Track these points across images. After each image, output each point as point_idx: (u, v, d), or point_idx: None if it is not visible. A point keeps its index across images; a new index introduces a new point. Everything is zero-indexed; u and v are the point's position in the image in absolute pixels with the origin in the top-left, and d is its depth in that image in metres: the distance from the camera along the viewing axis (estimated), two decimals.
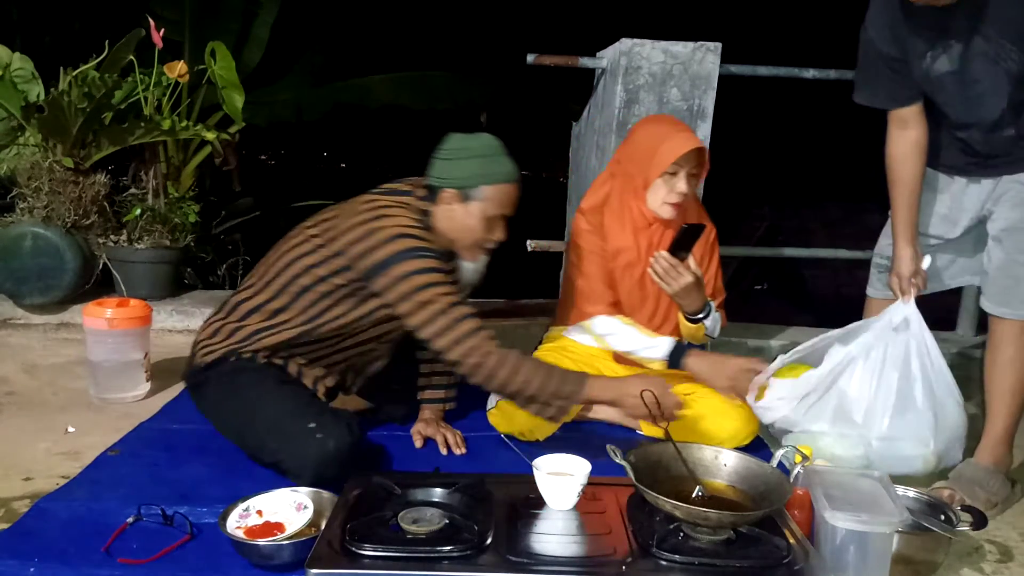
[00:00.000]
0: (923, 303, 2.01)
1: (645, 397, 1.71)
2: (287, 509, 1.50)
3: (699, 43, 2.51)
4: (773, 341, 2.98)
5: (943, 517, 1.56)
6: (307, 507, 1.49)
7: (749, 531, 1.40)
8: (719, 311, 2.19)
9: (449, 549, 1.32)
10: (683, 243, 2.02)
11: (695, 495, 1.49)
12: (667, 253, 2.01)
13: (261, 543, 1.39)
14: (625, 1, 8.04)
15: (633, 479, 1.44)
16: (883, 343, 1.89)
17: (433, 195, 1.82)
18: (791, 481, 1.52)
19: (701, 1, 8.40)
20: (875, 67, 1.90)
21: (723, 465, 1.58)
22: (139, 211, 3.12)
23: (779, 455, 1.64)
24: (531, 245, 2.84)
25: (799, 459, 1.61)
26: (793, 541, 1.39)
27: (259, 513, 1.49)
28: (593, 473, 1.54)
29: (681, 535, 1.40)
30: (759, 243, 7.32)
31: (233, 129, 3.42)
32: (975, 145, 1.89)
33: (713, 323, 2.15)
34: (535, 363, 1.75)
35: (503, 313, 3.20)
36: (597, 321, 2.10)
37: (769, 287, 7.34)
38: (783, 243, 7.45)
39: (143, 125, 3.06)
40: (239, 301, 1.87)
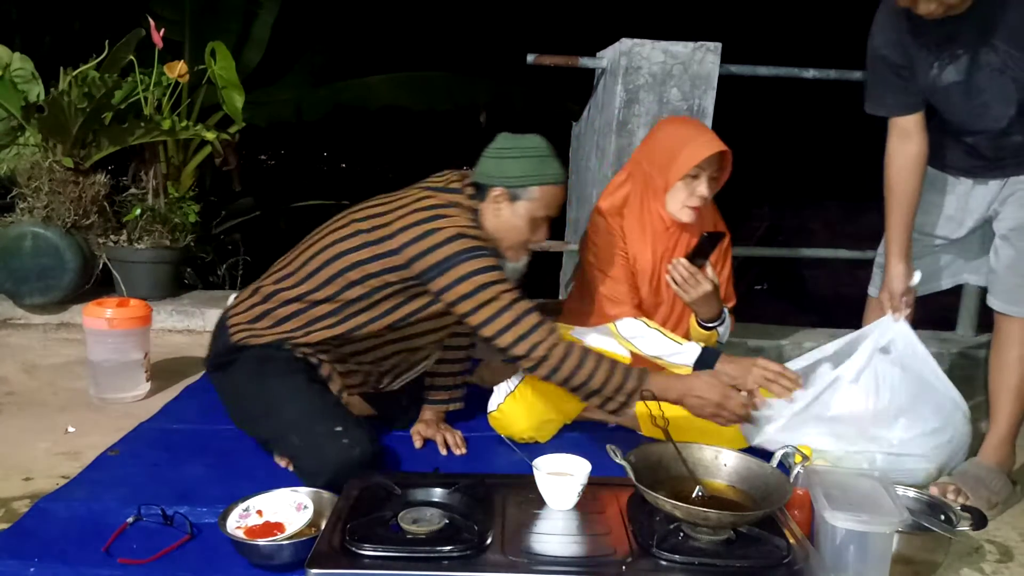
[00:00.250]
0: (923, 303, 2.01)
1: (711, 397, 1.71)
2: (287, 509, 1.50)
3: (699, 43, 2.51)
4: (773, 341, 2.98)
5: (943, 517, 1.56)
6: (307, 507, 1.49)
7: (749, 531, 1.40)
8: (730, 316, 2.18)
9: (449, 549, 1.32)
10: (702, 251, 2.00)
11: (695, 495, 1.49)
12: (686, 260, 2.00)
13: (261, 543, 1.39)
14: (625, 1, 8.03)
15: (633, 479, 1.44)
16: (873, 365, 1.86)
17: (481, 193, 1.80)
18: (791, 481, 1.51)
19: (701, 1, 8.39)
20: (882, 75, 1.89)
21: (723, 465, 1.58)
22: (139, 211, 3.12)
23: (779, 455, 1.64)
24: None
25: (799, 459, 1.61)
26: (793, 541, 1.38)
27: (259, 513, 1.49)
28: (593, 473, 1.54)
29: (681, 535, 1.40)
30: (759, 243, 7.31)
31: (233, 129, 3.42)
32: (982, 149, 1.89)
33: (725, 329, 2.14)
34: (598, 357, 1.72)
35: None
36: (623, 324, 2.04)
37: (769, 287, 7.34)
38: (783, 243, 7.45)
39: (143, 125, 3.06)
40: (277, 289, 1.84)
